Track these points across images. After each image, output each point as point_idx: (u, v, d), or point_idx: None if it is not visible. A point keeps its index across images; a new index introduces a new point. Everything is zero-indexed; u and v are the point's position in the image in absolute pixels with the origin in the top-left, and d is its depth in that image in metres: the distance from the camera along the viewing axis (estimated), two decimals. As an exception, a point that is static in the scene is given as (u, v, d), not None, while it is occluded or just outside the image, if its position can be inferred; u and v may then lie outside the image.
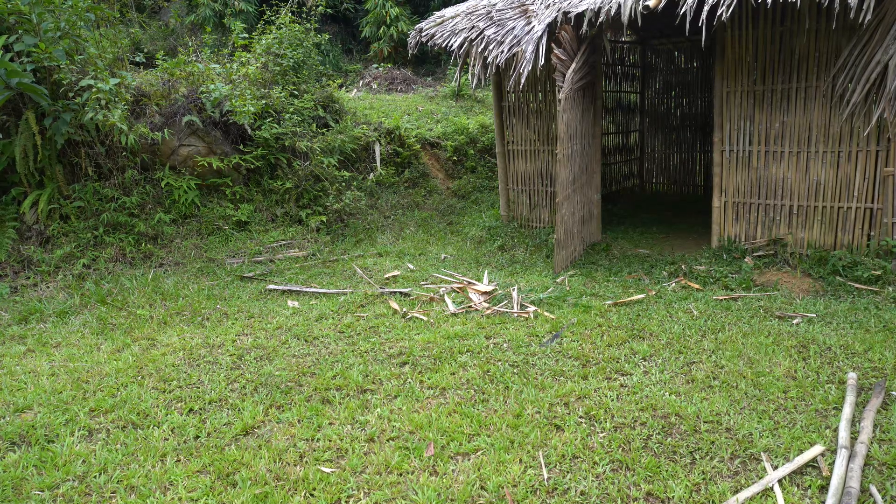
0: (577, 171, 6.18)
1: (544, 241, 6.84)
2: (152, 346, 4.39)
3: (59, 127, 5.99)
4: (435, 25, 7.05)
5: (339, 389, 3.58)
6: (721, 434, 2.93)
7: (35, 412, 3.41)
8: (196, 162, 6.88)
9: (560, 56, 5.73)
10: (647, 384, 3.46)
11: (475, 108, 11.18)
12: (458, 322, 4.61)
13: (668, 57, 9.85)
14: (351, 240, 7.37)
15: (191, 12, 13.33)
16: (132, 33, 10.36)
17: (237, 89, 7.30)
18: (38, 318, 5.02)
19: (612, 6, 5.38)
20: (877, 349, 3.76)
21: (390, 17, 13.64)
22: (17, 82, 5.70)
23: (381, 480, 2.69)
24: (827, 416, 3.05)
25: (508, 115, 7.37)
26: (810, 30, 5.28)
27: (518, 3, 6.60)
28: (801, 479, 2.58)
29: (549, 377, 3.61)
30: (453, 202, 8.79)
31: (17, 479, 2.79)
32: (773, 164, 5.66)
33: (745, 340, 4.00)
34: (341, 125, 8.40)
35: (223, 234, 6.79)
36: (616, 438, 2.92)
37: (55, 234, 6.10)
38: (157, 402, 3.49)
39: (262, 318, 4.86)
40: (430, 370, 3.78)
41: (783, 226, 5.68)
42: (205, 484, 2.70)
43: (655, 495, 2.53)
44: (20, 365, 4.10)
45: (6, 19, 5.98)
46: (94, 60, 6.41)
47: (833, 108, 5.30)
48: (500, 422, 3.11)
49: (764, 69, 5.56)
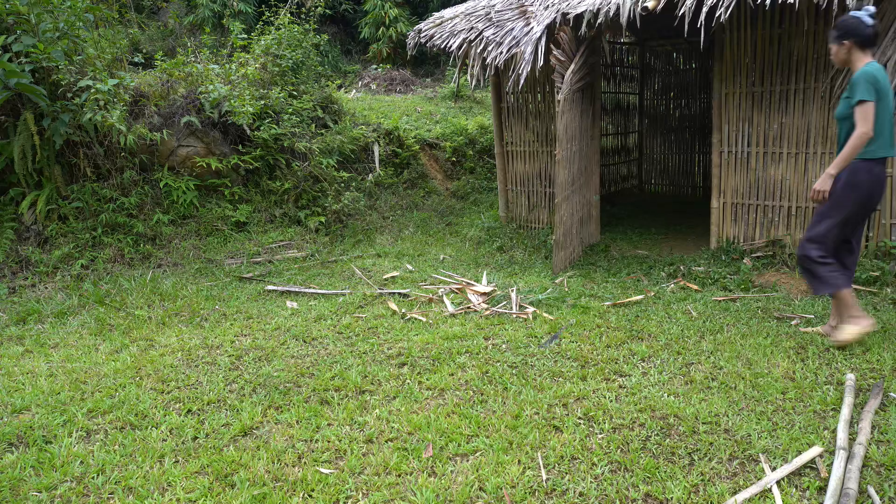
0: (576, 172, 6.18)
1: (543, 242, 6.84)
2: (151, 346, 4.38)
3: (58, 127, 5.98)
4: (434, 26, 7.05)
5: (337, 390, 3.58)
6: (719, 435, 2.93)
7: (33, 413, 3.41)
8: (195, 162, 6.88)
9: (559, 57, 5.73)
10: (645, 385, 3.46)
11: (474, 109, 11.19)
12: (456, 323, 4.61)
13: (666, 58, 9.87)
14: (350, 241, 7.37)
15: (189, 13, 13.32)
16: (131, 34, 10.36)
17: (236, 90, 7.29)
18: (37, 319, 5.01)
19: (610, 7, 5.39)
20: (875, 350, 3.77)
21: (389, 18, 13.65)
22: (16, 83, 5.69)
23: (379, 481, 2.69)
24: (825, 418, 3.05)
25: (507, 116, 7.37)
26: (809, 31, 5.29)
27: (517, 5, 6.60)
28: (799, 481, 2.58)
29: (548, 378, 3.61)
30: (452, 203, 8.79)
31: (14, 479, 2.79)
32: (771, 166, 5.67)
33: (743, 341, 4.00)
34: (340, 126, 8.40)
35: (222, 234, 6.79)
36: (614, 439, 2.92)
37: (53, 235, 6.09)
38: (156, 402, 3.49)
39: (261, 319, 4.86)
40: (429, 371, 3.78)
41: (782, 227, 5.69)
42: (203, 485, 2.70)
43: (654, 496, 2.53)
44: (18, 365, 4.10)
45: (5, 20, 5.98)
46: (92, 61, 6.40)
47: (831, 109, 5.31)
48: (498, 423, 3.11)
49: (762, 71, 5.56)
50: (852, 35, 3.64)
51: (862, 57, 3.66)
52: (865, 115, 3.50)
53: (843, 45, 3.69)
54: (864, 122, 3.50)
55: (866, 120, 3.50)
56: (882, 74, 3.57)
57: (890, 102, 3.61)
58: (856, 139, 3.52)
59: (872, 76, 3.52)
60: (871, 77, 3.52)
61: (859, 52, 3.66)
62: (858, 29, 3.62)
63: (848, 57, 3.71)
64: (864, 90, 3.51)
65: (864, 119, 3.50)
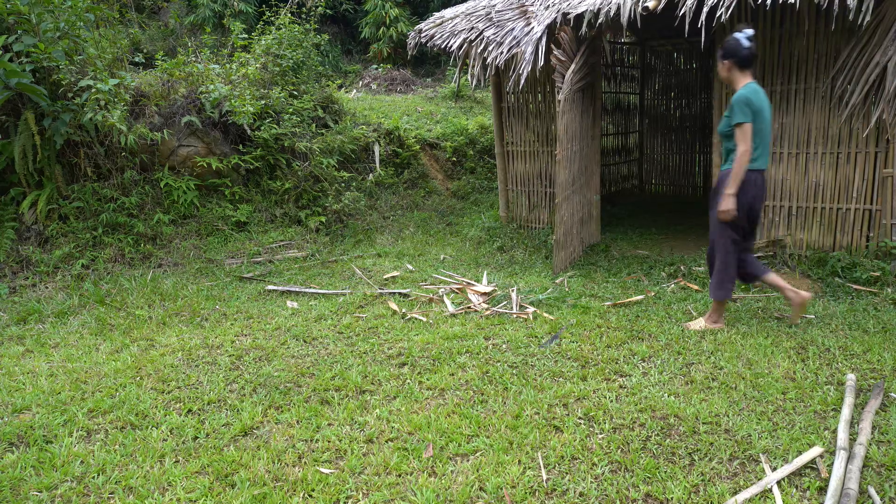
0: (577, 172, 6.18)
1: (543, 242, 6.84)
2: (151, 346, 4.38)
3: (59, 127, 5.98)
4: (434, 26, 7.05)
5: (337, 390, 3.58)
6: (720, 435, 2.93)
7: (33, 413, 3.41)
8: (195, 162, 6.88)
9: (559, 57, 5.73)
10: (645, 385, 3.46)
11: (474, 109, 11.19)
12: (457, 323, 4.61)
13: (667, 58, 9.87)
14: (350, 240, 7.37)
15: (190, 13, 13.32)
16: (131, 34, 10.36)
17: (236, 90, 7.29)
18: (37, 319, 5.01)
19: (611, 7, 5.39)
20: (875, 350, 3.77)
21: (390, 17, 13.64)
22: (17, 82, 5.69)
23: (379, 481, 2.69)
24: (826, 418, 3.05)
25: (508, 116, 7.37)
26: (809, 31, 5.29)
27: (517, 5, 6.60)
28: (799, 481, 2.58)
29: (548, 378, 3.61)
30: (452, 203, 8.79)
31: (15, 479, 2.79)
32: (772, 166, 5.66)
33: (743, 341, 4.00)
34: (341, 126, 8.40)
35: (222, 234, 6.79)
36: (615, 439, 2.92)
37: (54, 235, 6.09)
38: (156, 402, 3.49)
39: (261, 319, 4.86)
40: (429, 371, 3.78)
41: (782, 227, 5.69)
42: (203, 485, 2.70)
43: (654, 496, 2.53)
44: (18, 365, 4.10)
45: (5, 19, 5.98)
46: (93, 61, 6.40)
47: (832, 109, 5.31)
48: (498, 423, 3.11)
49: (763, 71, 5.56)
50: (731, 55, 3.96)
51: (741, 77, 3.98)
52: (744, 136, 3.88)
53: (724, 65, 4.02)
54: (743, 142, 3.88)
55: (745, 140, 3.88)
56: (756, 95, 3.91)
57: (766, 119, 4.00)
58: (740, 158, 3.90)
59: (747, 98, 3.86)
60: (746, 99, 3.86)
61: (738, 72, 3.98)
62: (736, 50, 3.92)
63: (729, 75, 4.03)
64: (739, 113, 3.87)
65: (744, 139, 3.88)
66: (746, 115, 3.85)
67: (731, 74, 4.01)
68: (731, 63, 3.96)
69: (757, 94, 3.92)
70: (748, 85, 3.94)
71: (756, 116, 3.90)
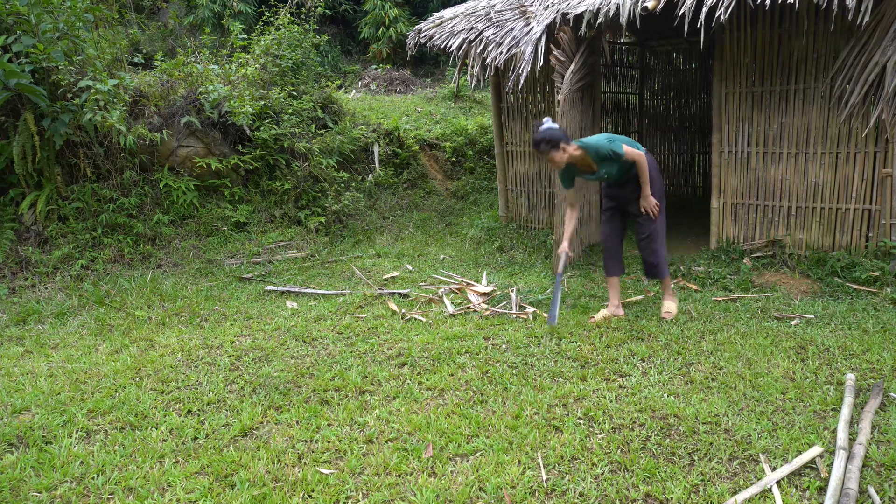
0: (576, 172, 6.17)
1: (543, 242, 6.84)
2: (151, 347, 4.38)
3: (58, 128, 5.98)
4: (434, 26, 7.05)
5: (337, 390, 3.57)
6: (719, 435, 2.93)
7: (33, 413, 3.41)
8: (195, 163, 6.88)
9: (559, 57, 5.73)
10: (645, 385, 3.46)
11: (474, 110, 11.20)
12: (456, 323, 4.61)
13: (666, 58, 9.86)
14: (350, 241, 7.37)
15: (189, 13, 13.32)
16: (131, 34, 10.34)
17: (236, 90, 7.29)
18: (37, 319, 5.01)
19: (610, 7, 5.39)
20: (875, 350, 3.77)
21: (389, 18, 13.65)
22: (16, 83, 5.69)
23: (379, 482, 2.69)
24: (825, 418, 3.05)
25: (507, 117, 7.37)
26: (808, 31, 5.29)
27: (517, 5, 6.60)
28: (799, 481, 2.58)
29: (548, 378, 3.61)
30: (452, 203, 8.79)
31: (14, 480, 2.79)
32: (771, 166, 5.67)
33: (743, 341, 4.00)
34: (340, 126, 8.39)
35: (222, 234, 6.79)
36: (614, 440, 2.92)
37: (53, 235, 6.09)
38: (156, 403, 3.49)
39: (261, 319, 4.86)
40: (429, 371, 3.78)
41: (782, 227, 5.69)
42: (203, 485, 2.70)
43: (654, 496, 2.53)
44: (18, 366, 4.10)
45: (4, 20, 5.98)
46: (92, 61, 6.40)
47: (831, 109, 5.31)
48: (498, 423, 3.11)
49: (762, 71, 5.56)
50: (560, 139, 4.17)
51: (571, 148, 4.24)
52: (629, 151, 4.23)
53: (562, 150, 4.21)
54: (633, 154, 4.24)
55: (634, 151, 4.24)
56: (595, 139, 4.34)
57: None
58: (640, 162, 4.25)
59: (595, 143, 4.24)
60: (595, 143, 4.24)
61: (569, 145, 4.23)
62: (558, 133, 4.20)
63: (568, 153, 4.23)
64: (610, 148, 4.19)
65: (632, 151, 4.24)
66: (617, 146, 4.20)
67: (569, 151, 4.22)
68: (564, 143, 4.18)
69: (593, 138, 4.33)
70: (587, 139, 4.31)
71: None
